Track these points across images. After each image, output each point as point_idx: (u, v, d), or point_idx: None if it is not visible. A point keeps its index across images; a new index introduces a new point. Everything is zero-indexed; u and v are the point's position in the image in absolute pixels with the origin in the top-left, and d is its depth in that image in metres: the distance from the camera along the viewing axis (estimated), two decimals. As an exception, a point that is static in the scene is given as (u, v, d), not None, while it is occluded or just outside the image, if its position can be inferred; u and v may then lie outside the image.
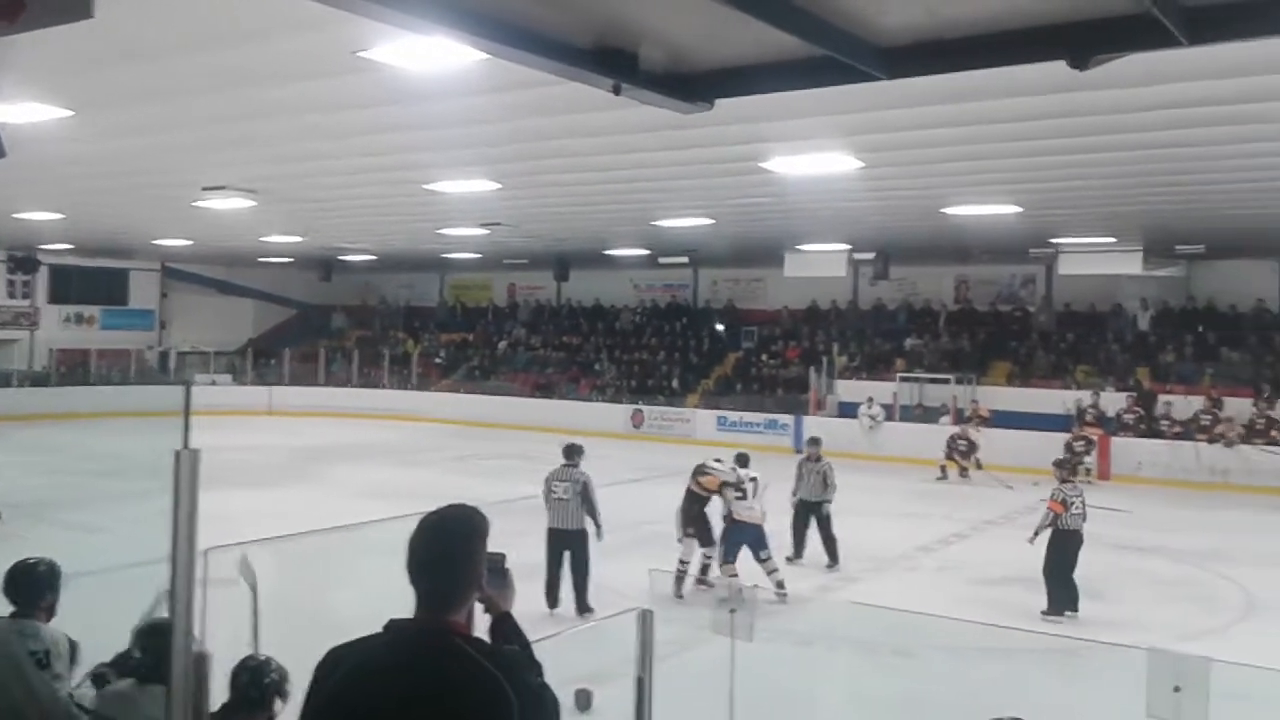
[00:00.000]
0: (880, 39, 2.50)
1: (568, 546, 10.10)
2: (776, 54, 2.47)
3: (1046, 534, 10.59)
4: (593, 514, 10.19)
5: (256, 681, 3.55)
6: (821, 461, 12.99)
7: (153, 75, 7.97)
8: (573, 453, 10.52)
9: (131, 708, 3.39)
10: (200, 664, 2.29)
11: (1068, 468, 11.65)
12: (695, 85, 2.22)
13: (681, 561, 10.91)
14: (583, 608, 9.90)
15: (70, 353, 30.98)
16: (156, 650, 3.07)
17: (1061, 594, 10.33)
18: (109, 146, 11.30)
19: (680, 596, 10.54)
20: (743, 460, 11.42)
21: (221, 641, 3.93)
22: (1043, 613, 10.25)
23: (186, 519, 2.21)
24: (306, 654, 2.46)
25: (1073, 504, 10.53)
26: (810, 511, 12.78)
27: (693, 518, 11.04)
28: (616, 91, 1.99)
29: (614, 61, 2.33)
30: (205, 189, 14.57)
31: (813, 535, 12.75)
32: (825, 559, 12.58)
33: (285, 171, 12.99)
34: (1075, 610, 10.28)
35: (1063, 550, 10.39)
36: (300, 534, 10.21)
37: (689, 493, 11.13)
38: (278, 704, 3.62)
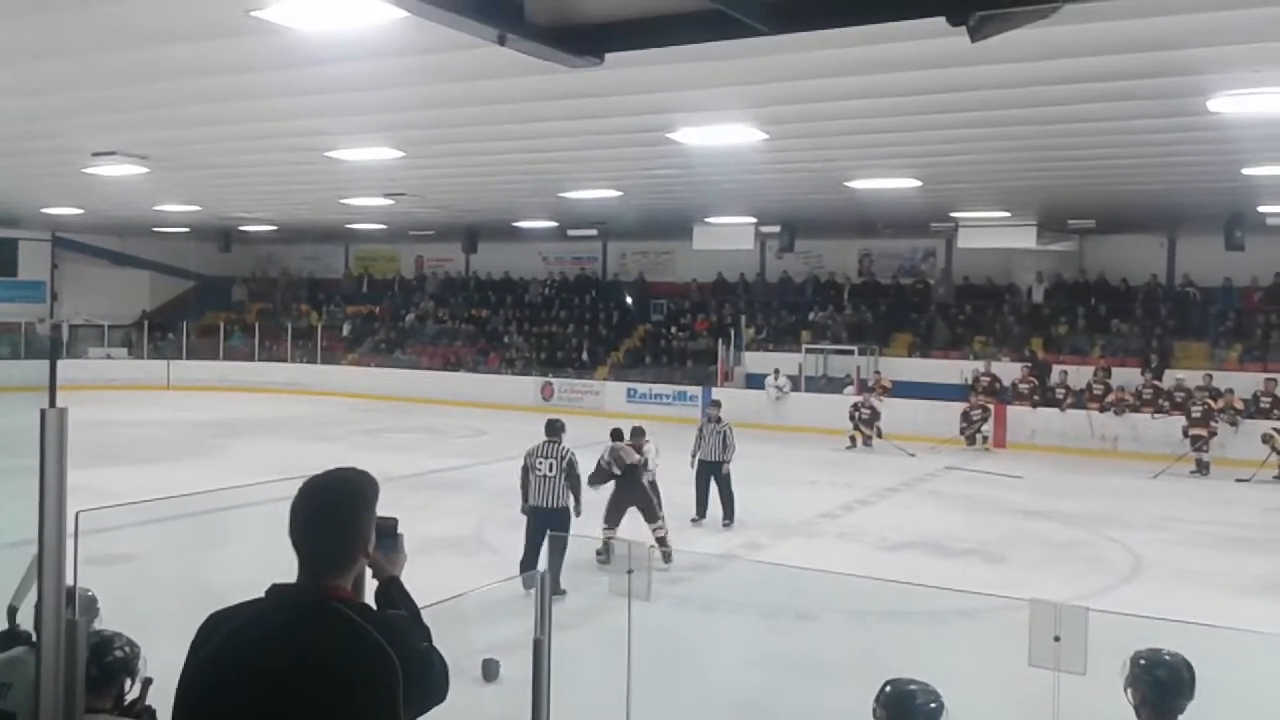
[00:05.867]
0: (766, -5, 2.54)
1: (550, 524, 9.65)
2: (666, 7, 2.47)
3: None
4: (576, 492, 9.91)
5: (98, 659, 3.15)
6: (722, 423, 13.30)
7: (33, 31, 7.63)
8: (555, 429, 10.20)
9: (25, 670, 3.21)
10: (72, 630, 2.21)
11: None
12: (583, 38, 2.19)
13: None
14: (555, 588, 9.40)
15: (-45, 326, 29.63)
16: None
17: None
18: (-12, 108, 10.82)
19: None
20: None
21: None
22: None
23: (54, 480, 2.12)
24: (194, 628, 2.40)
25: None
26: (710, 471, 13.06)
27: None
28: (501, 41, 1.96)
29: (499, 10, 2.29)
30: (95, 155, 14.03)
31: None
32: (722, 517, 12.91)
33: (178, 137, 12.57)
34: None
35: None
36: (182, 496, 9.95)
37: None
38: (128, 683, 3.32)
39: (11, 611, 3.59)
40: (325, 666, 2.16)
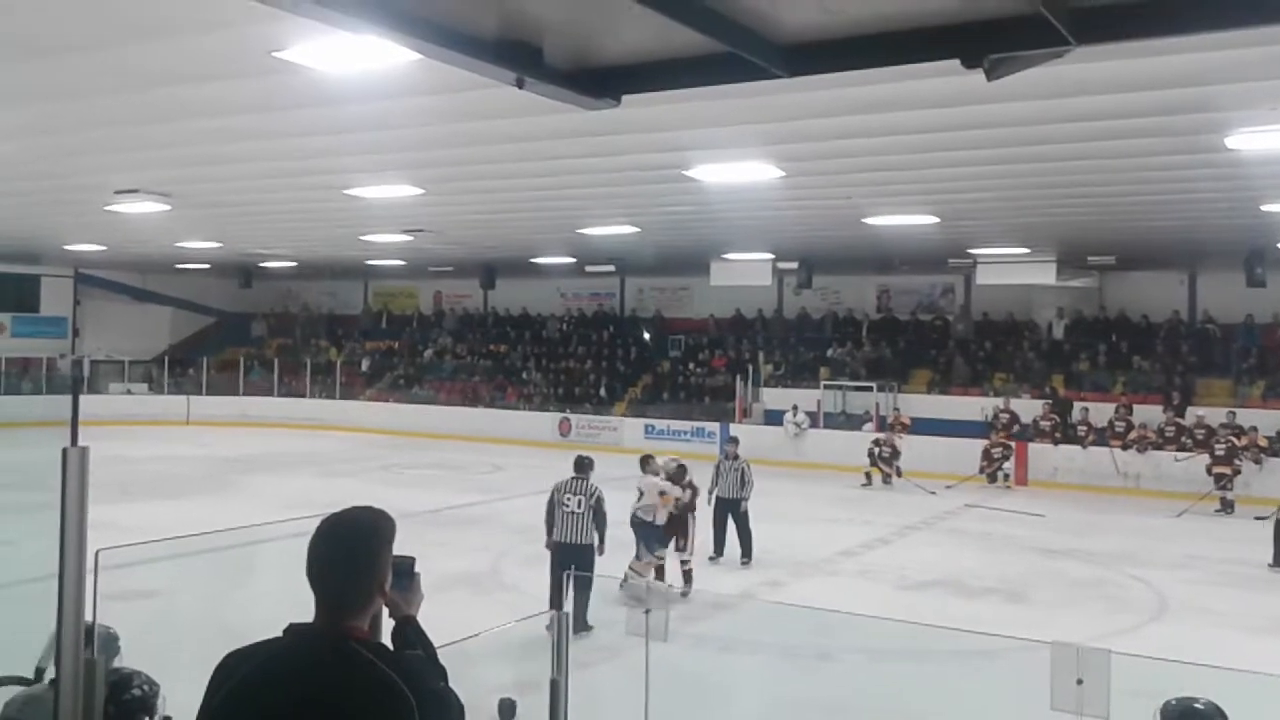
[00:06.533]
0: (782, 37, 2.54)
1: (575, 561, 9.57)
2: (681, 50, 2.50)
3: None
4: (601, 529, 9.86)
5: (116, 697, 3.10)
6: (739, 460, 13.27)
7: (57, 73, 7.75)
8: (584, 465, 10.18)
9: (43, 708, 3.20)
10: (90, 669, 2.21)
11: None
12: (600, 81, 2.22)
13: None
14: (581, 625, 9.08)
15: (-22, 361, 29.93)
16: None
17: None
18: (11, 147, 10.97)
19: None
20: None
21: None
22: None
23: (75, 518, 2.13)
24: (213, 665, 2.39)
25: None
26: (728, 509, 13.03)
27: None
28: (520, 85, 2.00)
29: (517, 54, 2.32)
30: (117, 192, 14.20)
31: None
32: (740, 556, 12.88)
33: (199, 175, 12.71)
34: None
35: None
36: (202, 534, 9.95)
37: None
38: None
39: (38, 674, 3.56)
40: (342, 707, 2.16)
